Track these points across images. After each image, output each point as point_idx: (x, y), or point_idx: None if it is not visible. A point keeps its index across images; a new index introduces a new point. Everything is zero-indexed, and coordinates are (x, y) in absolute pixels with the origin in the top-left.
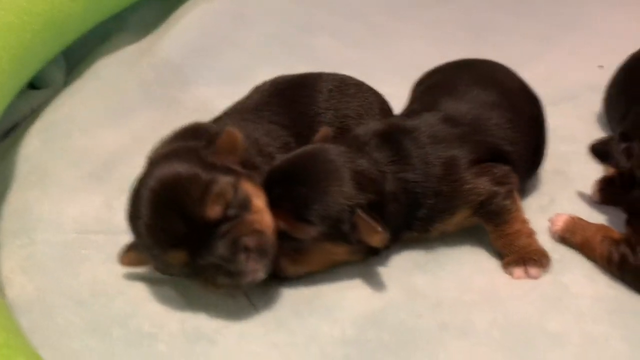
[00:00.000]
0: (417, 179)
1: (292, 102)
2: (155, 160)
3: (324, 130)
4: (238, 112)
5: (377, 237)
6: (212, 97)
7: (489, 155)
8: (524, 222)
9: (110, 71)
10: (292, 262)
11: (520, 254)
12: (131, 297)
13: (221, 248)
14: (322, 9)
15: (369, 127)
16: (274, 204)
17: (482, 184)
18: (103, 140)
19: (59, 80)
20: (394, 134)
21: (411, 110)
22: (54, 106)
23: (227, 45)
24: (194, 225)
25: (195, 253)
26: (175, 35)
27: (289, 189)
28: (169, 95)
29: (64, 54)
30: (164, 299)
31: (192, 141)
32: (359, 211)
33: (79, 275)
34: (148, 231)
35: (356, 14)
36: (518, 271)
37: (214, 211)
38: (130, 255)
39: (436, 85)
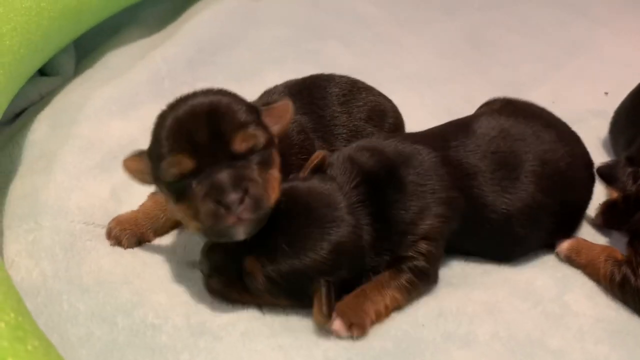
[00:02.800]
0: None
1: (309, 104)
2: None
3: (320, 155)
4: None
5: (320, 319)
6: None
7: None
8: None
9: (120, 62)
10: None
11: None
12: (137, 288)
13: (227, 174)
14: (332, 17)
15: (361, 160)
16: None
17: None
18: (112, 131)
19: (69, 69)
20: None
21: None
22: (63, 93)
23: (238, 45)
24: (217, 145)
25: (201, 167)
26: (188, 32)
27: (269, 236)
28: (178, 90)
29: (74, 43)
30: (171, 292)
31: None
32: (323, 289)
33: (84, 263)
34: (172, 129)
35: (366, 23)
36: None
37: (240, 145)
38: (134, 160)
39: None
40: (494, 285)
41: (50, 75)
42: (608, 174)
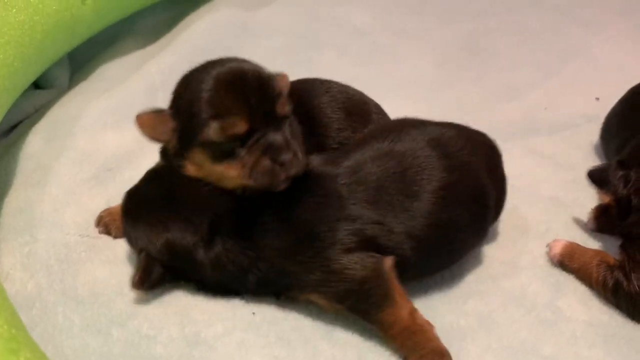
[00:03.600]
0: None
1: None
2: None
3: None
4: None
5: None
6: None
7: None
8: None
9: (115, 74)
10: None
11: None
12: (131, 299)
13: (281, 136)
14: (327, 26)
15: None
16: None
17: None
18: (107, 143)
19: (64, 82)
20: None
21: None
22: (58, 106)
23: (233, 55)
24: (265, 108)
25: (255, 128)
26: (183, 42)
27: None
28: None
29: (68, 55)
30: (165, 303)
31: None
32: (143, 260)
33: (79, 275)
34: (223, 90)
35: (361, 32)
36: None
37: (282, 109)
38: (151, 116)
39: None
40: (488, 293)
41: (45, 88)
42: (599, 178)
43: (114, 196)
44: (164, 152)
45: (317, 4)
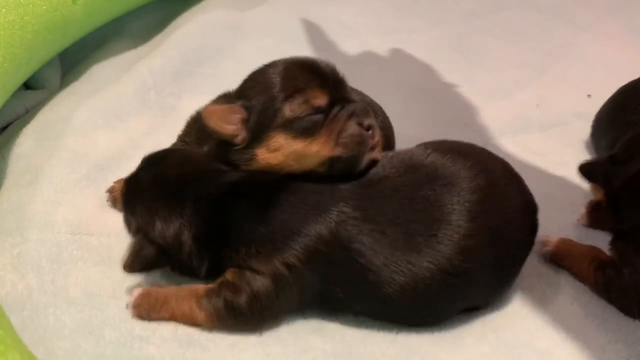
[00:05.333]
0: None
1: None
2: None
3: None
4: None
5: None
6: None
7: None
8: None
9: (106, 75)
10: None
11: None
12: (124, 301)
13: (359, 105)
14: (317, 27)
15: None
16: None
17: None
18: (98, 143)
19: (55, 82)
20: None
21: None
22: (49, 107)
23: (223, 56)
24: (340, 86)
25: (332, 98)
26: (174, 43)
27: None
28: (165, 102)
29: (59, 56)
30: None
31: None
32: (136, 244)
33: (70, 275)
34: (301, 70)
35: (351, 33)
36: None
37: (349, 90)
38: (220, 106)
39: None
40: None
41: (36, 88)
42: (590, 172)
43: (106, 196)
44: (221, 150)
45: (308, 4)
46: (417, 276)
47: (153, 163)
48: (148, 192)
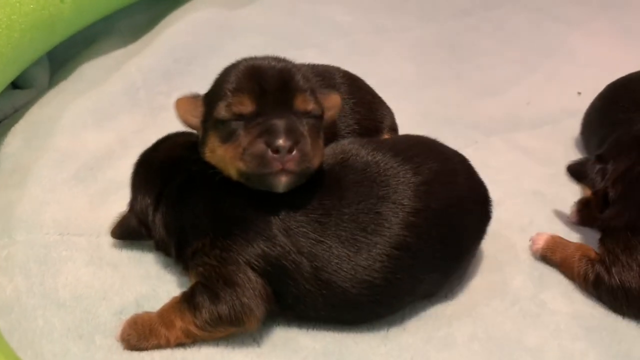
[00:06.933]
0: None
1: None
2: None
3: None
4: None
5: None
6: None
7: None
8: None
9: (95, 74)
10: None
11: None
12: (115, 304)
13: (283, 123)
14: (308, 25)
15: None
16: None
17: None
18: (87, 142)
19: (43, 81)
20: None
21: None
22: (38, 106)
23: (214, 54)
24: (279, 98)
25: (259, 113)
26: (164, 42)
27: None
28: (154, 101)
29: (48, 55)
30: (150, 307)
31: None
32: (122, 214)
33: (60, 276)
34: (241, 73)
35: (342, 31)
36: None
37: (300, 104)
38: (187, 100)
39: None
40: (473, 286)
41: (24, 87)
42: (578, 172)
43: (95, 196)
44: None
45: (298, 2)
46: (363, 252)
47: (156, 144)
48: (141, 170)
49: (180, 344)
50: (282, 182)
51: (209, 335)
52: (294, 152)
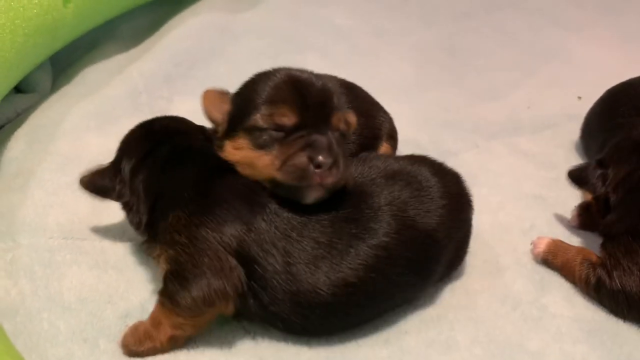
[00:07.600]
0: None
1: None
2: None
3: None
4: None
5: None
6: (198, 109)
7: None
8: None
9: (98, 78)
10: None
11: None
12: (120, 308)
13: (326, 139)
14: (309, 29)
15: None
16: None
17: None
18: (90, 146)
19: (46, 85)
20: None
21: None
22: (40, 110)
23: (215, 58)
24: (319, 114)
25: (301, 123)
26: (165, 46)
27: None
28: (156, 105)
29: (50, 59)
30: (151, 310)
31: None
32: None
33: (65, 279)
34: (285, 84)
35: (343, 35)
36: None
37: (337, 122)
38: (216, 94)
39: None
40: (474, 290)
41: (27, 92)
42: (578, 177)
43: (99, 200)
44: (214, 134)
45: (299, 6)
46: (338, 254)
47: (158, 117)
48: (134, 130)
49: (179, 345)
50: (315, 196)
51: (197, 320)
52: (333, 169)
